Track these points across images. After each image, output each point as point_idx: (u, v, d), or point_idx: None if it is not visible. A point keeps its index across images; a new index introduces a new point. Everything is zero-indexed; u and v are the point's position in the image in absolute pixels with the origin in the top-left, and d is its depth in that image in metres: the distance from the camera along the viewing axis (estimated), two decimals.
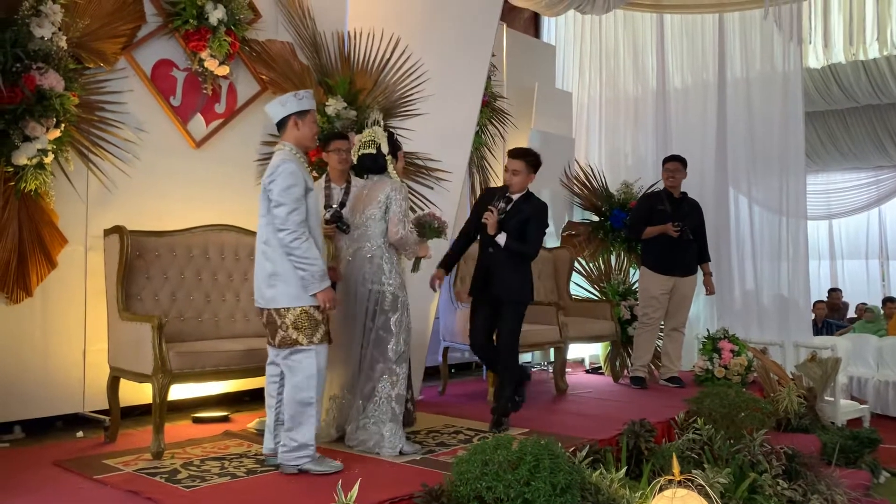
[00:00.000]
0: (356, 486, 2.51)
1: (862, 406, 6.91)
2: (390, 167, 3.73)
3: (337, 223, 3.80)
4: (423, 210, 4.74)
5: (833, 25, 8.50)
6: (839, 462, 4.65)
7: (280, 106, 3.29)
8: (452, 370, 6.20)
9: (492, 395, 4.68)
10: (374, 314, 3.65)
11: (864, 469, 5.20)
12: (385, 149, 3.73)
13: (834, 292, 11.49)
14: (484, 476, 2.64)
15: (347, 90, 5.11)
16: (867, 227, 13.38)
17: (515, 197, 4.17)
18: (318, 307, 3.19)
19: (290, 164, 3.17)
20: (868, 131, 11.28)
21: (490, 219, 4.01)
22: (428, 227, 3.72)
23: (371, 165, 3.78)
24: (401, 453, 3.49)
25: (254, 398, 4.85)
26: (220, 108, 4.73)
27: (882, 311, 10.59)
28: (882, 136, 11.26)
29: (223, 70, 4.63)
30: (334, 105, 4.96)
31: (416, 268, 3.85)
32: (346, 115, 4.98)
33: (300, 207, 3.14)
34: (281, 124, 3.30)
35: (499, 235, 4.04)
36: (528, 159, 4.20)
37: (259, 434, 3.89)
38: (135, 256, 3.86)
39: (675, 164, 5.70)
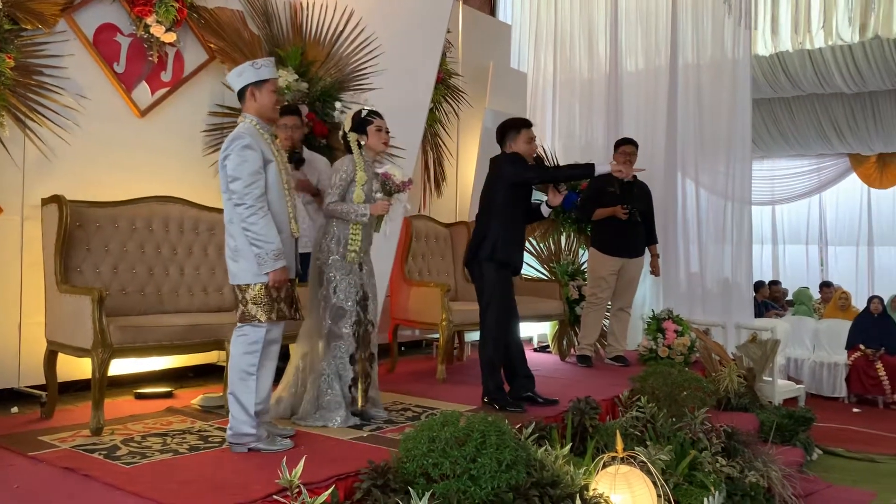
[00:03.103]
0: (301, 464, 2.49)
1: (798, 386, 7.16)
2: (354, 146, 3.69)
3: (293, 160, 3.88)
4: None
5: (781, 13, 8.65)
6: (775, 440, 4.80)
7: (237, 76, 3.21)
8: (402, 348, 6.20)
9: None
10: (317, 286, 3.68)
11: (799, 447, 5.40)
12: (347, 128, 3.72)
13: (774, 285, 11.86)
14: (431, 453, 2.64)
15: (299, 62, 5.01)
16: (808, 213, 13.80)
17: None
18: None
19: (245, 138, 3.09)
20: (812, 120, 11.58)
21: None
22: (383, 186, 3.68)
23: (346, 148, 3.78)
24: (355, 427, 3.52)
25: (198, 374, 4.77)
26: (166, 76, 4.59)
27: (818, 296, 10.99)
28: (825, 124, 11.57)
29: (170, 37, 4.49)
30: (285, 76, 4.86)
31: (377, 228, 3.80)
32: (298, 86, 4.89)
33: (258, 181, 3.08)
34: (240, 95, 3.23)
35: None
36: None
37: (203, 410, 3.83)
38: (74, 227, 3.74)
39: (631, 147, 5.75)
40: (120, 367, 4.09)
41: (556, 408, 4.07)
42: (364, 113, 3.73)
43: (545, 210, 4.30)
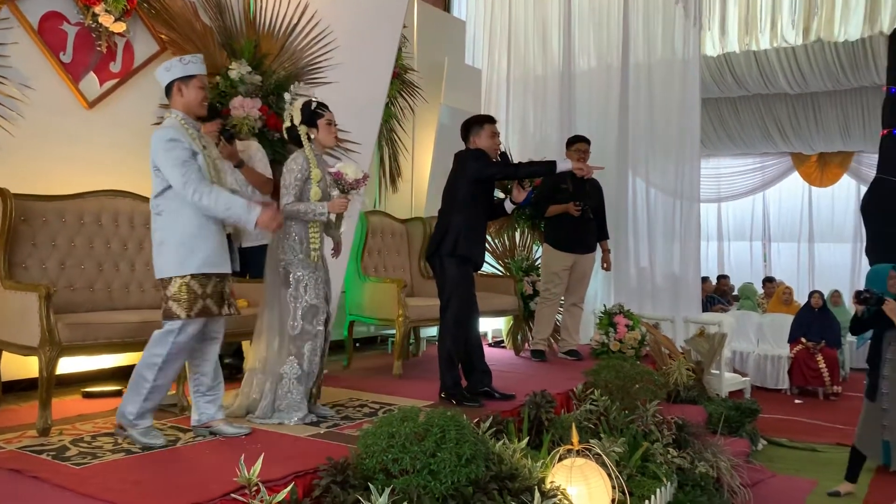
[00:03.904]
0: (259, 461, 2.46)
1: (743, 378, 7.37)
2: (304, 138, 3.63)
3: (225, 136, 3.97)
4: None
5: (729, 15, 8.87)
6: (723, 431, 4.94)
7: (165, 71, 3.18)
8: (357, 344, 6.17)
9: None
10: (281, 287, 3.60)
11: (745, 437, 5.56)
12: (297, 120, 3.63)
13: (723, 279, 12.19)
14: (390, 448, 2.64)
15: (252, 54, 4.93)
16: (752, 210, 14.19)
17: None
18: (198, 280, 3.09)
19: (167, 131, 3.08)
20: (756, 119, 11.92)
21: None
22: (336, 184, 3.63)
23: (289, 138, 3.70)
24: (312, 423, 3.49)
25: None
26: (115, 67, 4.48)
27: (762, 290, 11.32)
28: (769, 124, 11.92)
29: (119, 27, 4.37)
30: (238, 69, 4.79)
31: (338, 225, 3.77)
32: (251, 79, 4.81)
33: (190, 167, 3.06)
34: (167, 91, 3.19)
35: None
36: None
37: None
38: (19, 222, 3.61)
39: (585, 145, 5.84)
40: (68, 365, 3.98)
41: (512, 402, 4.11)
42: (314, 105, 3.65)
43: (509, 206, 4.34)
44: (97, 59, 4.38)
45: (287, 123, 3.68)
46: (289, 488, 2.51)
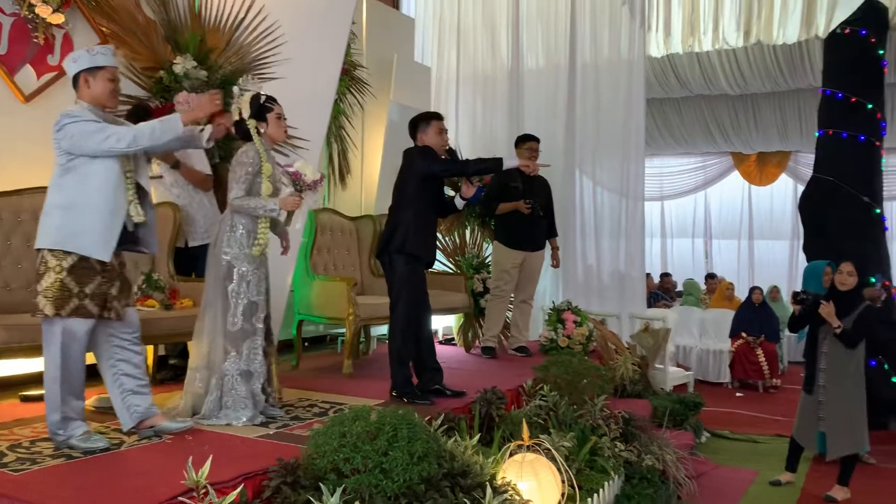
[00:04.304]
0: (207, 464, 2.42)
1: (687, 373, 7.55)
2: (254, 132, 3.57)
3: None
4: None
5: (673, 17, 9.04)
6: (668, 424, 5.05)
7: (72, 62, 3.09)
8: (306, 343, 6.11)
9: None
10: (223, 281, 3.53)
11: (689, 430, 5.70)
12: (246, 113, 3.56)
13: (666, 276, 12.46)
14: (342, 448, 2.62)
15: (198, 48, 4.83)
16: (694, 208, 14.55)
17: None
18: (73, 277, 2.97)
19: (70, 111, 3.01)
20: (698, 119, 12.20)
21: None
22: (294, 184, 3.59)
23: (237, 132, 3.62)
24: (261, 424, 3.44)
25: (91, 374, 4.53)
26: (53, 59, 4.33)
27: (704, 287, 11.61)
28: (710, 124, 12.22)
29: (57, 18, 4.24)
30: (183, 64, 4.69)
31: (288, 221, 3.72)
32: (196, 74, 4.72)
33: (103, 128, 2.99)
34: (74, 82, 3.10)
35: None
36: None
37: (98, 411, 3.66)
38: None
39: (535, 143, 5.90)
40: (5, 368, 3.84)
41: (463, 399, 4.12)
42: (263, 98, 3.59)
43: (459, 202, 4.35)
44: (34, 51, 4.23)
45: (235, 117, 3.60)
46: (238, 490, 2.47)
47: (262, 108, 3.56)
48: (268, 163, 3.54)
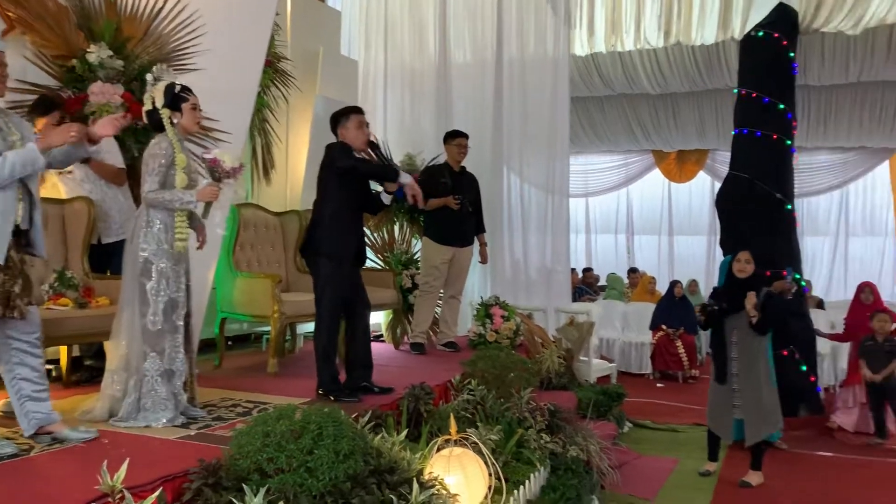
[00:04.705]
0: (124, 467, 2.33)
1: (610, 365, 7.73)
2: (167, 123, 3.45)
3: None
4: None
5: (597, 16, 9.23)
6: (592, 415, 5.15)
7: None
8: (230, 342, 5.97)
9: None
10: (141, 278, 3.40)
11: (612, 421, 5.84)
12: (159, 103, 3.44)
13: (587, 271, 12.73)
14: (265, 448, 2.57)
15: (113, 37, 4.64)
16: (617, 205, 14.93)
17: None
18: None
19: None
20: (621, 118, 12.51)
21: None
22: (211, 172, 3.47)
23: (149, 122, 3.49)
24: (182, 425, 3.33)
25: None
26: None
27: (627, 281, 11.92)
28: (632, 123, 12.54)
29: None
30: (97, 52, 4.50)
31: (205, 214, 3.60)
32: (112, 64, 4.53)
33: None
34: None
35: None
36: None
37: (6, 416, 3.47)
38: None
39: (464, 139, 5.92)
40: None
41: (391, 395, 4.10)
42: (177, 88, 3.47)
43: (386, 197, 4.30)
44: None
45: (148, 106, 3.47)
46: (157, 493, 2.38)
47: (177, 97, 3.45)
48: (182, 153, 3.42)
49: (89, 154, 3.30)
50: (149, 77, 3.48)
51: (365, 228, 6.55)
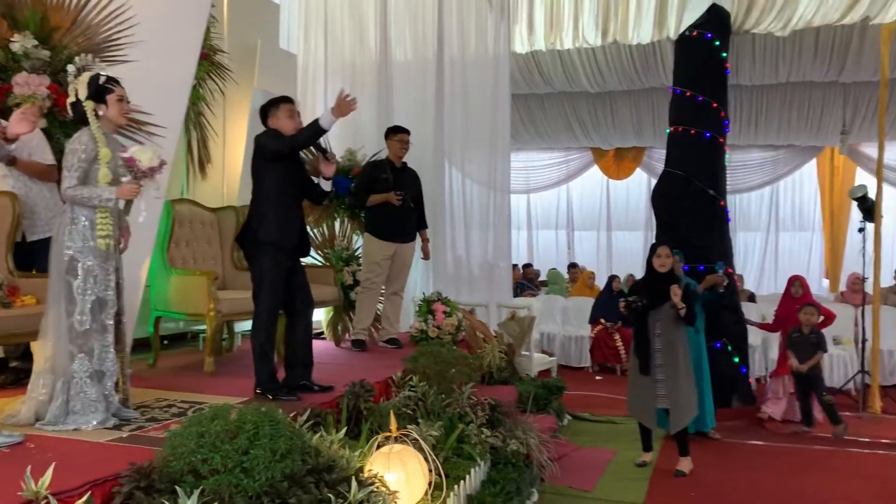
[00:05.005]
0: (49, 472, 2.25)
1: (551, 358, 7.84)
2: (91, 115, 3.32)
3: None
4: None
5: (536, 14, 9.30)
6: (532, 409, 5.21)
7: None
8: (165, 341, 5.82)
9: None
10: (67, 277, 3.27)
11: (552, 414, 5.91)
12: (83, 95, 3.30)
13: (528, 268, 12.87)
14: (200, 448, 2.51)
15: (39, 26, 4.46)
16: (557, 201, 15.13)
17: None
18: None
19: None
20: (561, 115, 12.66)
21: None
22: (129, 171, 3.34)
23: (73, 115, 3.36)
24: (113, 428, 3.23)
25: None
26: None
27: (567, 276, 12.10)
28: (572, 120, 12.71)
29: None
30: (22, 42, 4.31)
31: (126, 211, 3.47)
32: (37, 54, 4.35)
33: None
34: None
35: None
36: None
37: None
38: None
39: (406, 135, 5.91)
40: None
41: (331, 393, 4.06)
42: (102, 79, 3.34)
43: (325, 184, 4.25)
44: None
45: (71, 98, 3.33)
46: (84, 498, 2.31)
47: (102, 89, 3.32)
48: (106, 147, 3.29)
49: (10, 153, 3.15)
50: (71, 68, 3.34)
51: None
